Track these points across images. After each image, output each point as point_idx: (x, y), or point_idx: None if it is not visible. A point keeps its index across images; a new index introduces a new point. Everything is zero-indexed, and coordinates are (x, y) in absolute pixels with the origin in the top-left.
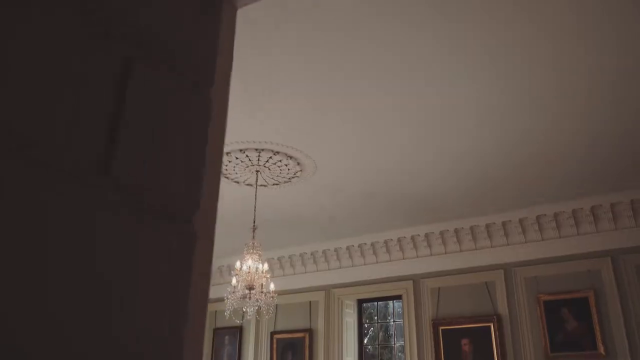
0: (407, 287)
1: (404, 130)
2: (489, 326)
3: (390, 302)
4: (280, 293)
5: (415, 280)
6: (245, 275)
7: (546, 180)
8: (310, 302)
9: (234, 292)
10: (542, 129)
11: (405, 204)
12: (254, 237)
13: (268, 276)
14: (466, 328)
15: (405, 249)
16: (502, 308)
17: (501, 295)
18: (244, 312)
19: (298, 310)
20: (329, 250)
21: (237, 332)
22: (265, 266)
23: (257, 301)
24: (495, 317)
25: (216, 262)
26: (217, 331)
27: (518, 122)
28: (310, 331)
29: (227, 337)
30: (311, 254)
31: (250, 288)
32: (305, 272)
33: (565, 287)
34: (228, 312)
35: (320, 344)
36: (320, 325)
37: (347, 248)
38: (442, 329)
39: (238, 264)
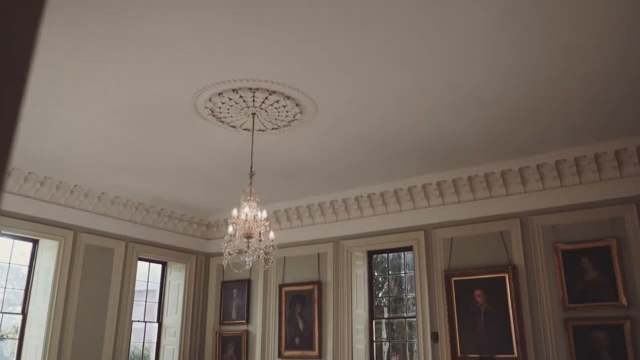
0: (418, 237)
1: (407, 66)
2: (504, 277)
3: (403, 254)
4: (288, 246)
5: (427, 230)
6: (243, 224)
7: (565, 121)
8: (318, 254)
9: (230, 240)
10: (557, 63)
11: (414, 150)
12: (251, 183)
13: (267, 224)
14: (480, 279)
15: (416, 198)
16: (518, 258)
17: (517, 245)
18: (244, 262)
19: (306, 263)
20: (337, 201)
21: (245, 285)
22: (264, 214)
23: (256, 250)
24: (510, 267)
25: (220, 215)
26: (225, 284)
27: (530, 55)
28: (319, 283)
29: (235, 290)
30: (319, 205)
31: (249, 237)
32: (313, 224)
33: (586, 236)
34: (226, 262)
35: (329, 296)
36: (329, 278)
37: (356, 198)
38: (454, 280)
39: (235, 211)
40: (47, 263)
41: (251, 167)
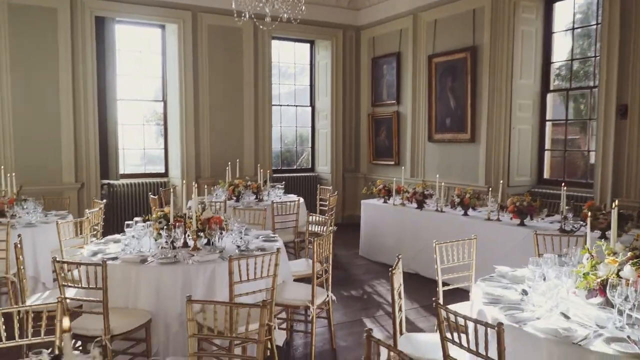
0: None
1: None
2: None
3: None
4: (438, 4)
5: None
6: None
7: None
8: (474, 10)
9: None
10: None
11: None
12: None
13: None
14: None
15: None
16: None
17: None
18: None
19: (459, 24)
20: None
21: (395, 59)
22: None
23: None
24: None
25: None
26: (374, 60)
27: None
28: (473, 49)
29: (385, 67)
30: None
31: None
32: None
33: None
34: (242, 17)
35: (484, 64)
36: (485, 40)
37: None
38: None
39: None
40: (172, 48)
41: None
